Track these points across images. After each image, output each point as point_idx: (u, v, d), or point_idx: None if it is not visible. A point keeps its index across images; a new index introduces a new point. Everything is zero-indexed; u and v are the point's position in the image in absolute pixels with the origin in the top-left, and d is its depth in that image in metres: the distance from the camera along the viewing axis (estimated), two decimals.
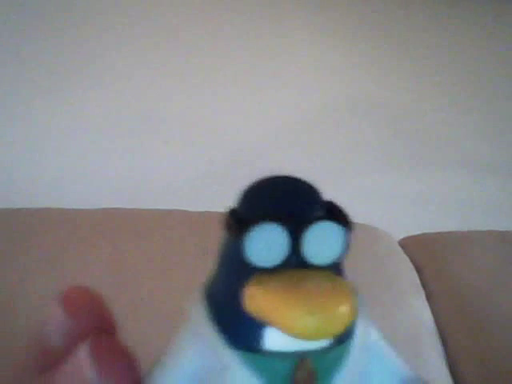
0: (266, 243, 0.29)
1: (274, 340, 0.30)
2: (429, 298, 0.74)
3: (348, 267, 0.79)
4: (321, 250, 0.30)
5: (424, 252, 0.82)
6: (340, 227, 0.30)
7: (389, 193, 1.22)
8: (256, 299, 0.29)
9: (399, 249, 0.82)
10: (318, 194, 0.33)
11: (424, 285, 0.76)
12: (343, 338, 0.32)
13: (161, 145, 1.17)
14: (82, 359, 0.32)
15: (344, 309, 0.28)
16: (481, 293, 0.73)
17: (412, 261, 0.79)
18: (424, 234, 0.87)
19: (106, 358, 0.33)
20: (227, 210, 0.33)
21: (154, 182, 1.14)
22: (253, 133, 1.21)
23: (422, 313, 0.71)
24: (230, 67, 1.22)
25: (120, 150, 1.15)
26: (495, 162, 1.27)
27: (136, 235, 0.72)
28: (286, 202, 0.31)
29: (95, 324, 0.36)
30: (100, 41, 1.17)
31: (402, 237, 0.87)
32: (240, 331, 0.31)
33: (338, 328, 0.28)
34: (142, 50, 1.18)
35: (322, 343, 0.31)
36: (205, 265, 0.73)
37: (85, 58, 1.15)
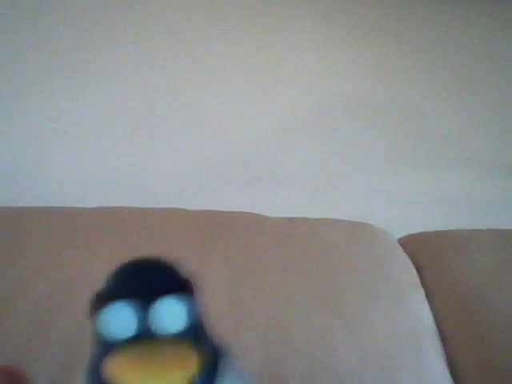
0: (117, 320, 0.36)
1: None
2: (428, 296, 0.74)
3: (348, 266, 0.79)
4: (167, 322, 0.36)
5: (424, 251, 0.82)
6: (182, 300, 0.36)
7: (389, 192, 1.23)
8: (112, 370, 0.36)
9: (399, 247, 0.82)
10: (171, 273, 0.39)
11: (423, 283, 0.76)
12: None
13: (161, 145, 1.17)
14: None
15: (179, 373, 0.35)
16: (480, 291, 0.73)
17: (412, 259, 0.79)
18: (423, 233, 0.87)
19: None
20: (94, 292, 0.38)
21: (154, 182, 1.14)
22: (253, 133, 1.21)
23: (421, 311, 0.71)
24: (230, 68, 1.22)
25: (120, 149, 1.15)
26: (495, 161, 1.27)
27: (136, 234, 0.72)
28: (137, 282, 0.38)
29: None
30: (100, 41, 1.17)
31: (401, 235, 0.87)
32: None
33: None
34: (143, 50, 1.18)
35: None
36: (205, 263, 0.73)
37: (85, 59, 1.15)
